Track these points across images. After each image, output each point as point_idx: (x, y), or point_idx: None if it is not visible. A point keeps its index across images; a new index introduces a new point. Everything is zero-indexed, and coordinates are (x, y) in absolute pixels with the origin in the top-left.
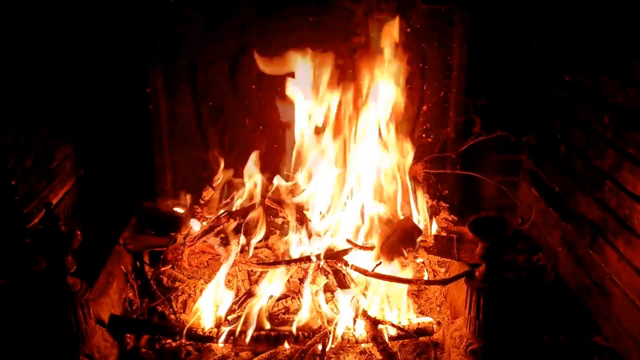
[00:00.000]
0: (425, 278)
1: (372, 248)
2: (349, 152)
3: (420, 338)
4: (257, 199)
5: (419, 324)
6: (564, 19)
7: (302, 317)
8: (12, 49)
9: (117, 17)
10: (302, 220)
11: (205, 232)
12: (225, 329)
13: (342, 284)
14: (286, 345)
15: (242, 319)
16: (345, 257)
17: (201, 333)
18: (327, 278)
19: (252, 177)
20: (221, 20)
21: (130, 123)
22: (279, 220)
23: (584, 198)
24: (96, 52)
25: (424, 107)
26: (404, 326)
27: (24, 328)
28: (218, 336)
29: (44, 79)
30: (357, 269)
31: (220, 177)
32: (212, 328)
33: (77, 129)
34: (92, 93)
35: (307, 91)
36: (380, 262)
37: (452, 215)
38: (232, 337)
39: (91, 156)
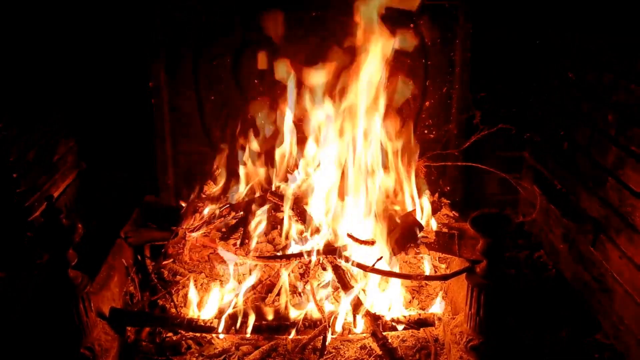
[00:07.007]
0: (426, 274)
1: (372, 243)
2: (351, 148)
3: (420, 334)
4: (259, 192)
5: (419, 314)
6: (567, 15)
7: (302, 311)
8: (15, 44)
9: (120, 11)
10: (302, 214)
11: (205, 223)
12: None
13: (342, 279)
14: (290, 336)
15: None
16: (346, 252)
17: (202, 324)
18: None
19: (254, 170)
20: (224, 14)
21: (133, 117)
22: (281, 215)
23: (586, 195)
24: (99, 46)
25: (427, 103)
26: (405, 316)
27: (25, 321)
28: (219, 327)
29: (47, 72)
30: (357, 265)
31: (222, 171)
32: (212, 319)
33: (80, 123)
34: (95, 87)
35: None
36: (381, 257)
37: (453, 212)
38: (233, 328)
39: (93, 150)
